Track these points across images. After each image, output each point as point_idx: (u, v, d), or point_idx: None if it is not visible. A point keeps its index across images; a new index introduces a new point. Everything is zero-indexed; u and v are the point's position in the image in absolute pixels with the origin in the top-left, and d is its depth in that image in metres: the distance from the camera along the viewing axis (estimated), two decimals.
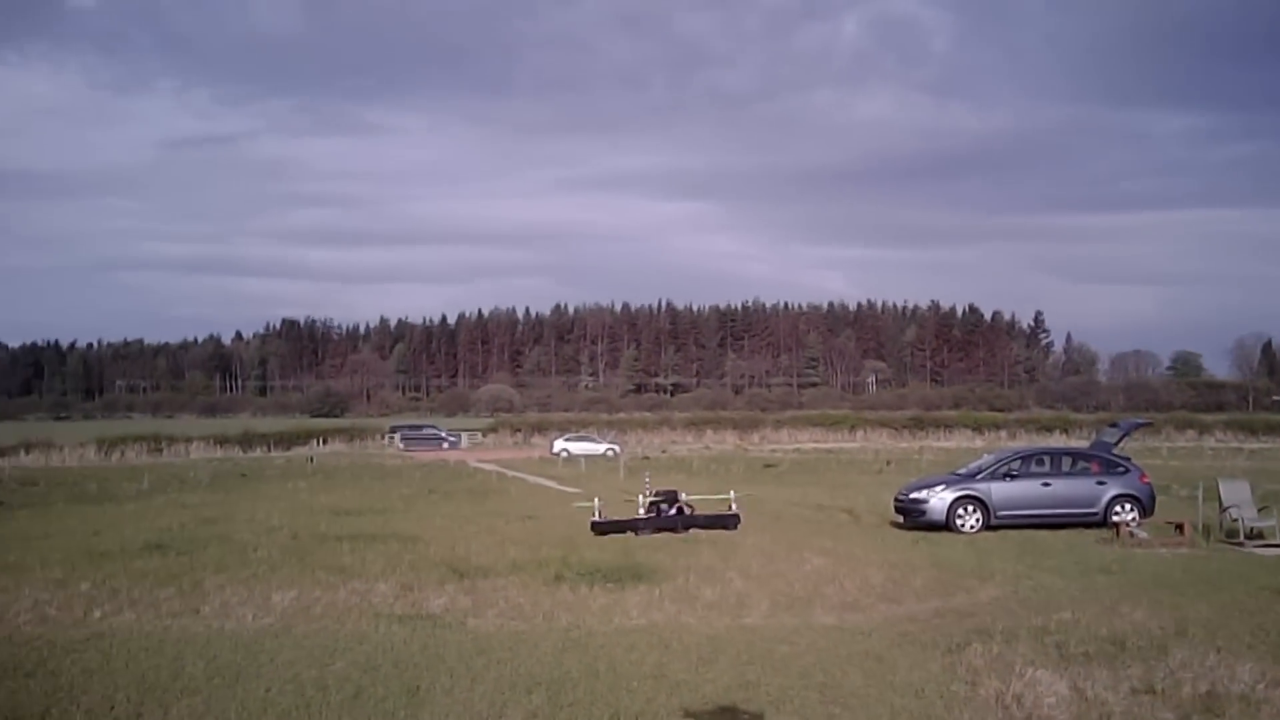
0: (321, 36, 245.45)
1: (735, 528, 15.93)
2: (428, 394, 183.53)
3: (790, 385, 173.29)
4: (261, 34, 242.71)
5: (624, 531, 16.41)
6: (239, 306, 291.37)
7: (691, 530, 17.46)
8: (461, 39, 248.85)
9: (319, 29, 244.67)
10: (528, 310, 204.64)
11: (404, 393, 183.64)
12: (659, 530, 15.84)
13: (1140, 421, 30.94)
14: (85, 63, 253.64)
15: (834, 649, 10.49)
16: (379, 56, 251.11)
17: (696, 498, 20.62)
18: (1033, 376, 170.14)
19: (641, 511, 19.39)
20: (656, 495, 16.61)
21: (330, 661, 10.03)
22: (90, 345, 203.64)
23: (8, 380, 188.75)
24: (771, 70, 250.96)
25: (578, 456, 54.59)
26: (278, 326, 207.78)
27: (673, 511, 16.23)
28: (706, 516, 17.43)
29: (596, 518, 16.54)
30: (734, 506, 15.83)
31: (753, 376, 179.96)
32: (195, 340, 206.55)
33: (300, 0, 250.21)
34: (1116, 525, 20.06)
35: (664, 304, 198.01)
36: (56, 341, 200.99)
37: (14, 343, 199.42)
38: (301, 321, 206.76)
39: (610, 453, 58.02)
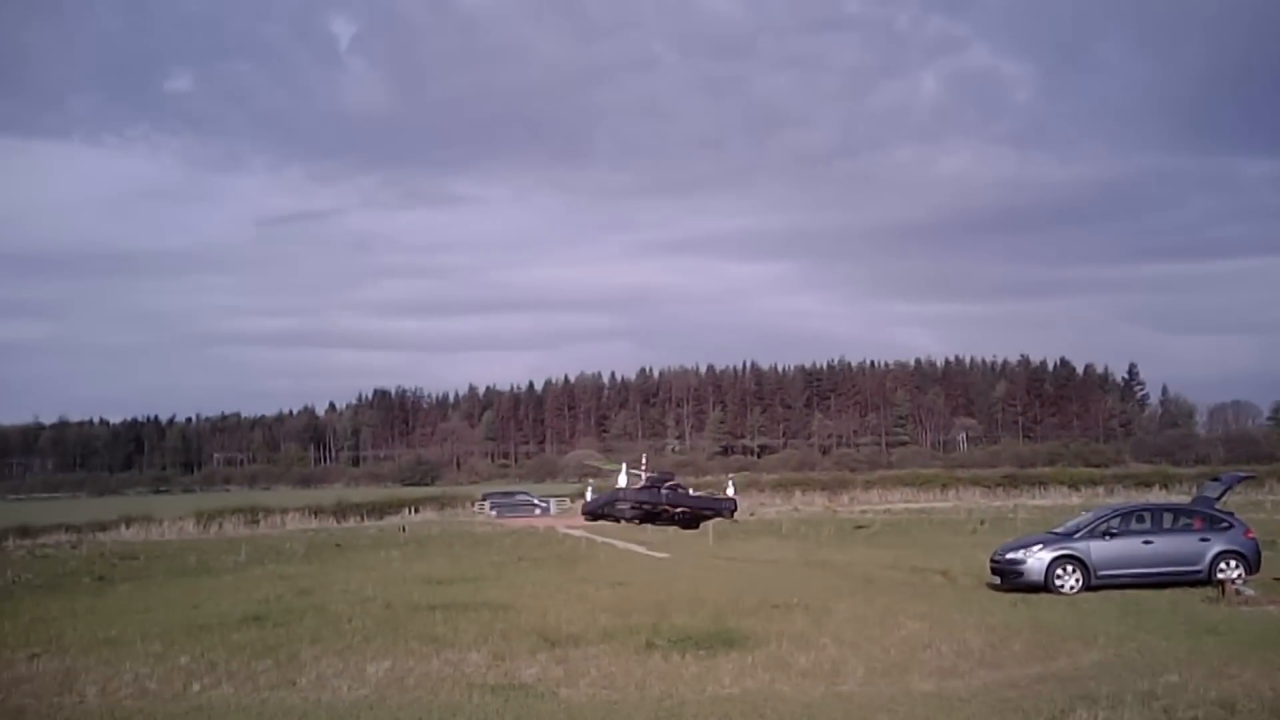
0: (408, 111, 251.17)
1: (731, 515, 15.29)
2: (516, 460, 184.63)
3: (879, 444, 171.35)
4: (350, 111, 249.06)
5: (615, 518, 15.37)
6: (332, 378, 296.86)
7: (685, 515, 16.14)
8: (543, 110, 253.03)
9: (406, 104, 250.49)
10: (613, 374, 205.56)
11: (493, 459, 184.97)
12: (647, 517, 14.85)
13: (1243, 475, 30.06)
14: (182, 144, 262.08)
15: (933, 717, 10.29)
16: (464, 129, 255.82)
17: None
18: (1129, 430, 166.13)
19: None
20: (652, 476, 15.86)
21: None
22: (189, 419, 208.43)
23: (110, 456, 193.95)
24: (850, 128, 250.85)
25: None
26: (369, 397, 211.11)
27: (665, 491, 15.43)
28: (700, 499, 16.42)
29: (587, 499, 15.75)
30: (731, 491, 15.10)
31: (840, 436, 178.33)
32: (290, 412, 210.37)
33: (388, 77, 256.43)
34: (1222, 583, 19.41)
35: (749, 365, 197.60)
36: (156, 416, 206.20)
37: (116, 419, 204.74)
38: (392, 391, 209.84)
39: None
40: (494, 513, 69.41)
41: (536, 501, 73.04)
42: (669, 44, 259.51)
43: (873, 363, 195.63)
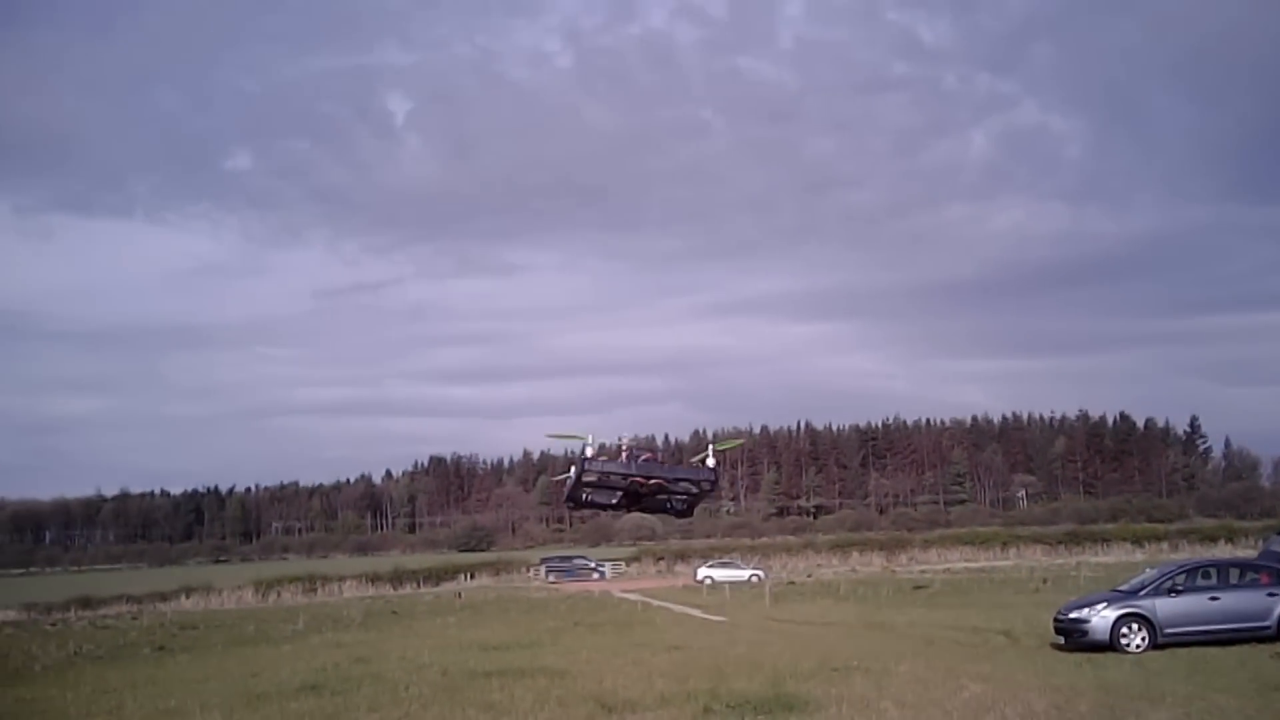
0: (462, 182, 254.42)
1: (713, 486, 14.60)
2: (570, 525, 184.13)
3: (937, 503, 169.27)
4: (405, 183, 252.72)
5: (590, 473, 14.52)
6: (388, 446, 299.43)
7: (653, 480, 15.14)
8: (594, 177, 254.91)
9: (459, 175, 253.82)
10: (666, 437, 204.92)
11: (548, 524, 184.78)
12: (624, 477, 13.95)
13: None
14: (241, 220, 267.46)
15: None
16: (516, 199, 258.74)
17: None
18: (1192, 485, 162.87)
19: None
20: (630, 451, 15.11)
21: None
22: (248, 489, 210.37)
23: (170, 526, 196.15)
24: (901, 188, 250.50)
25: (722, 583, 54.03)
26: (425, 464, 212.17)
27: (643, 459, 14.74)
28: (681, 469, 15.61)
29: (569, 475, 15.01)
30: (710, 460, 14.43)
31: (897, 495, 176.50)
32: (347, 480, 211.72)
33: (442, 150, 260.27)
34: None
35: (803, 425, 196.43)
36: (216, 487, 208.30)
37: (176, 490, 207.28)
38: (448, 458, 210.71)
39: (754, 578, 57.27)
40: (550, 577, 69.31)
41: (593, 565, 72.88)
42: (717, 110, 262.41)
43: (929, 421, 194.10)
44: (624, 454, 14.52)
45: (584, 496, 13.93)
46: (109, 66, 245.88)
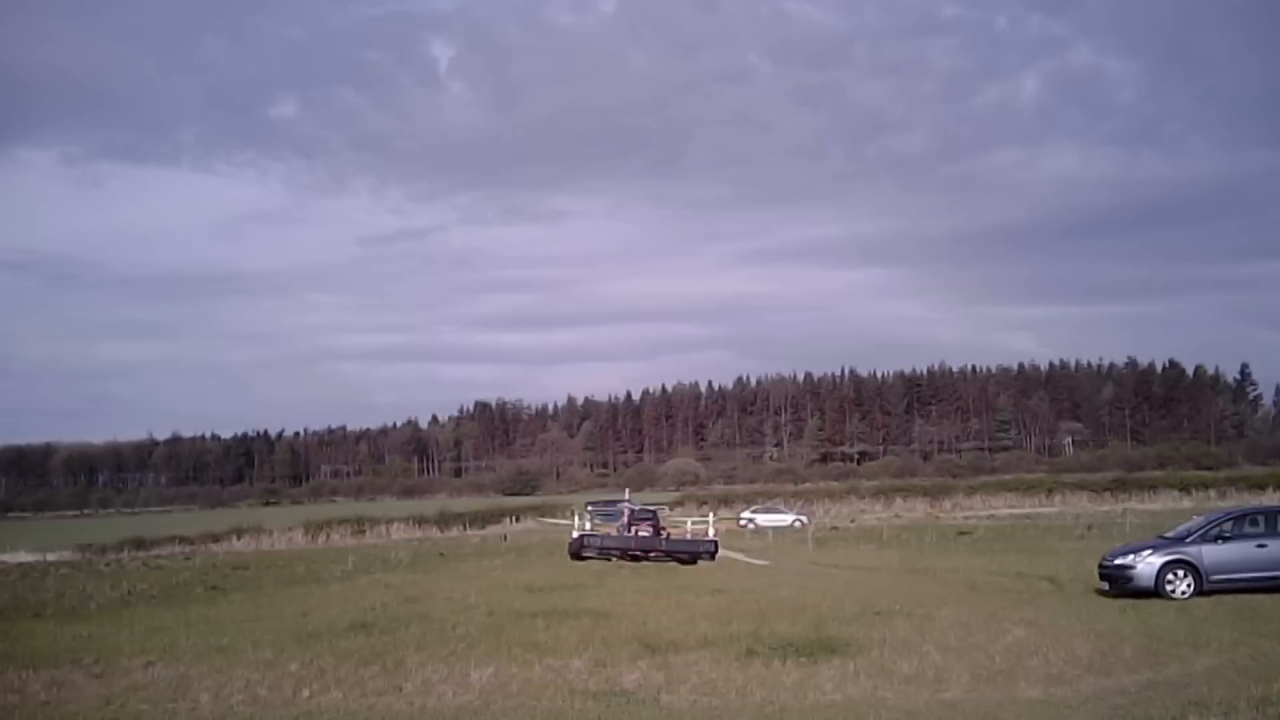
0: (506, 130, 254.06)
1: (713, 558, 14.33)
2: (615, 470, 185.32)
3: (982, 450, 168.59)
4: (450, 131, 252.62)
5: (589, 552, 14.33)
6: (434, 391, 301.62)
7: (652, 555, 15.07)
8: (640, 123, 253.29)
9: (504, 123, 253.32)
10: (710, 384, 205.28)
11: (592, 469, 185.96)
12: (632, 558, 13.97)
13: None
14: (287, 168, 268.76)
15: None
16: (561, 145, 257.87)
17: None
18: (1241, 432, 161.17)
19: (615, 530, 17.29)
20: (632, 516, 14.84)
21: None
22: (297, 434, 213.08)
23: (221, 469, 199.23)
24: (950, 132, 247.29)
25: (765, 528, 54.20)
26: (471, 409, 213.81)
27: (647, 533, 14.57)
28: (676, 543, 15.24)
29: (574, 536, 14.84)
30: (711, 532, 14.19)
31: (942, 442, 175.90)
32: (394, 425, 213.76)
33: (486, 97, 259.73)
34: None
35: (848, 372, 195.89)
36: (266, 431, 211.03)
37: (226, 434, 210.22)
38: (493, 404, 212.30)
39: (798, 523, 57.43)
40: (596, 521, 69.74)
41: (637, 509, 73.21)
42: (763, 54, 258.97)
43: (974, 368, 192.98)
44: (625, 516, 14.70)
45: (584, 555, 14.11)
46: (155, 15, 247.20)
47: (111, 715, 12.00)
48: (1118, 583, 20.71)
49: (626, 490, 76.18)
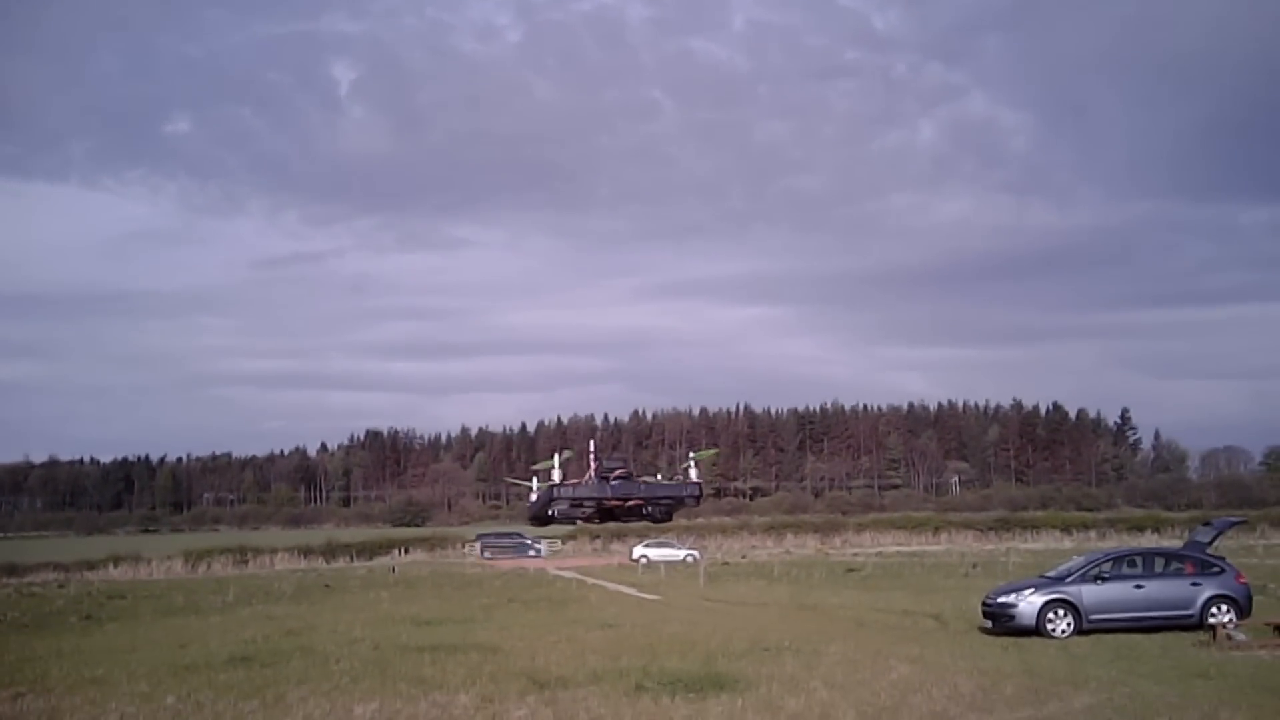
0: (407, 156, 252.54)
1: (697, 503, 13.85)
2: (507, 502, 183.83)
3: (871, 487, 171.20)
4: (349, 155, 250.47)
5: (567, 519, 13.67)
6: (325, 419, 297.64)
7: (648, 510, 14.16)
8: (542, 154, 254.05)
9: (404, 149, 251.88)
10: (606, 416, 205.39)
11: (484, 501, 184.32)
12: (604, 515, 13.36)
13: (1234, 520, 29.92)
14: (180, 187, 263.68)
15: None
16: (463, 174, 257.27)
17: None
18: (1121, 475, 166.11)
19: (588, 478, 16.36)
20: (599, 469, 14.21)
21: None
22: (180, 459, 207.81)
23: (100, 495, 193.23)
24: (849, 175, 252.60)
25: (657, 563, 54.18)
26: (361, 438, 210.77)
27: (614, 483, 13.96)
28: (657, 487, 14.51)
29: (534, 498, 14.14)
30: (694, 474, 13.63)
31: (833, 479, 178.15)
32: (282, 453, 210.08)
33: (387, 122, 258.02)
34: (1213, 628, 19.35)
35: (742, 407, 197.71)
36: (147, 456, 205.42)
37: (107, 458, 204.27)
38: (385, 432, 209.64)
39: (690, 558, 57.50)
40: (486, 554, 69.06)
41: (529, 542, 72.74)
42: (668, 91, 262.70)
43: (866, 406, 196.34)
44: (593, 469, 14.36)
45: (551, 513, 13.60)
46: (47, 27, 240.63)
47: None
48: (1000, 621, 21.08)
49: (519, 531, 75.94)
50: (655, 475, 18.64)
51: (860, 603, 28.85)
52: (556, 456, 71.34)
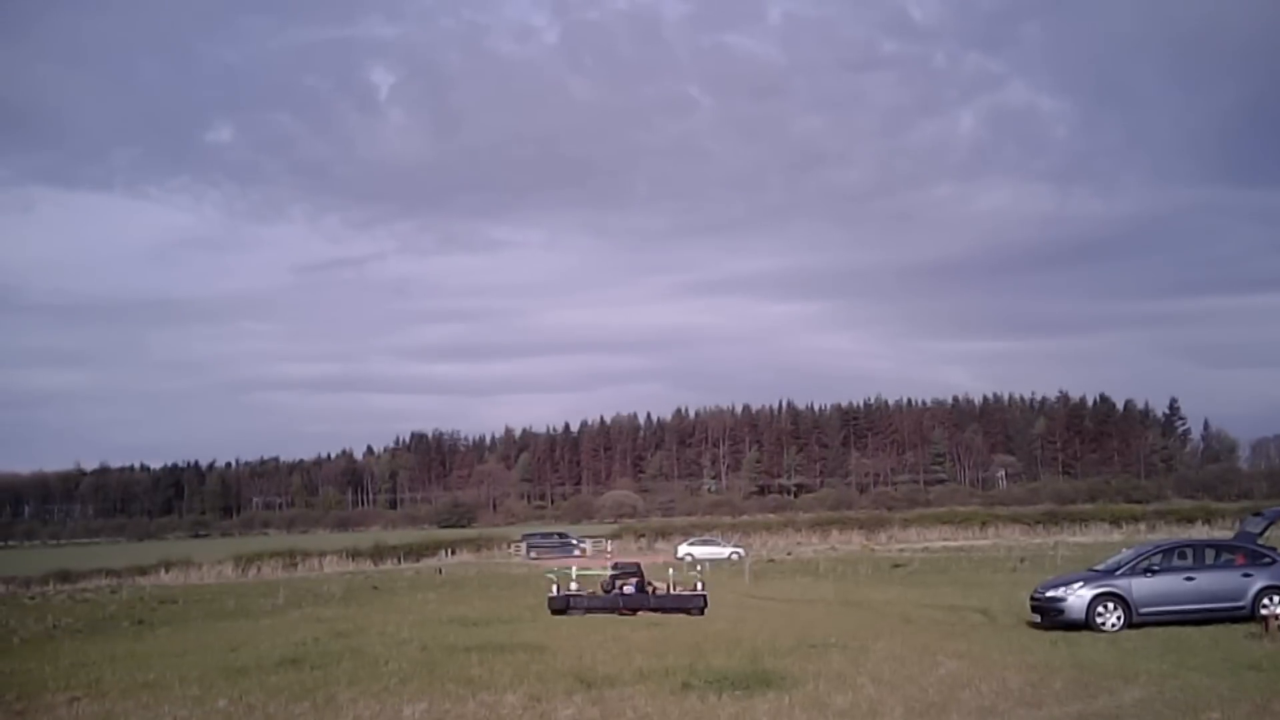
0: (446, 158, 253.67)
1: (702, 612, 13.93)
2: (552, 502, 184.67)
3: (917, 483, 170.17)
4: (389, 158, 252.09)
5: (576, 610, 13.98)
6: (369, 422, 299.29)
7: (640, 612, 14.86)
8: (580, 153, 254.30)
9: (443, 151, 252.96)
10: (649, 415, 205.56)
11: (529, 501, 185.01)
12: (611, 610, 13.71)
13: None
14: (222, 194, 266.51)
15: None
16: (501, 174, 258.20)
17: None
18: (1170, 466, 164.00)
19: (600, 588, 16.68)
20: (616, 569, 14.51)
21: None
22: (228, 464, 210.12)
23: (150, 501, 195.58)
24: (888, 167, 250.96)
25: (702, 560, 54.17)
26: (406, 440, 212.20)
27: (631, 589, 14.23)
28: (664, 598, 14.83)
29: (554, 594, 14.42)
30: (700, 586, 13.88)
31: (878, 475, 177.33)
32: (328, 456, 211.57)
33: (426, 125, 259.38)
34: (1265, 619, 19.06)
35: (785, 404, 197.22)
36: (196, 462, 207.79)
37: (156, 464, 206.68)
38: (429, 435, 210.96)
39: (734, 556, 57.49)
40: (532, 554, 69.37)
41: (574, 542, 73.00)
42: (704, 86, 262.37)
43: (910, 401, 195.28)
44: (610, 565, 14.48)
45: (566, 607, 13.77)
46: (90, 37, 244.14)
47: None
48: (1049, 615, 20.92)
49: (564, 531, 75.91)
50: (668, 574, 18.63)
51: (907, 598, 28.72)
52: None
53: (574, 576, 14.42)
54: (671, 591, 13.87)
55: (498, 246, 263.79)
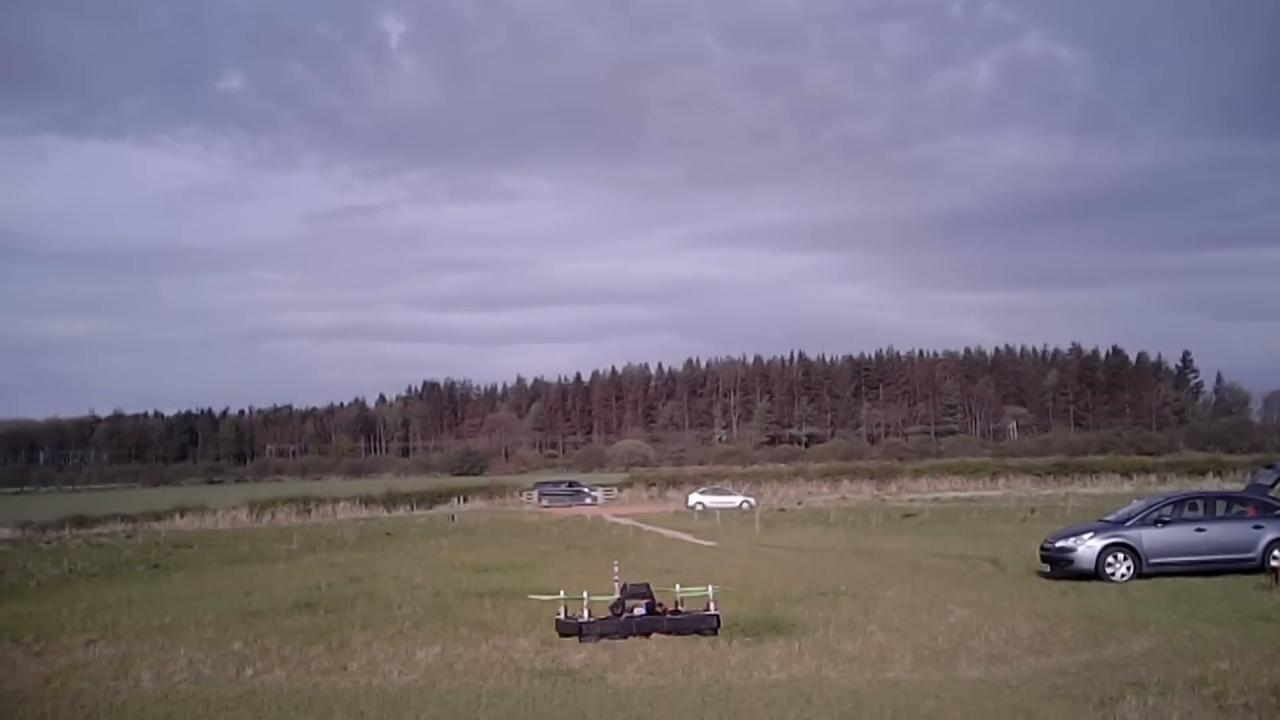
0: (457, 107, 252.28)
1: (715, 633, 13.88)
2: (563, 451, 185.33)
3: (928, 433, 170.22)
4: (400, 108, 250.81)
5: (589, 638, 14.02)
6: (382, 370, 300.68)
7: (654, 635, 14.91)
8: (593, 103, 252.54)
9: (455, 100, 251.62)
10: (660, 365, 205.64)
11: (540, 450, 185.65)
12: (623, 635, 13.83)
13: None
14: (234, 143, 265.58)
15: (981, 704, 10.26)
16: (513, 124, 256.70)
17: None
18: (1182, 418, 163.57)
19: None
20: (624, 591, 14.47)
21: (473, 717, 10.19)
22: (241, 412, 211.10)
23: (164, 447, 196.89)
24: (903, 118, 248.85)
25: (713, 510, 54.40)
26: (419, 389, 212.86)
27: (642, 612, 14.27)
28: (678, 619, 14.77)
29: (561, 617, 14.35)
30: (713, 606, 13.87)
31: (889, 426, 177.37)
32: (341, 404, 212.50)
33: (438, 74, 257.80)
34: (1275, 570, 19.08)
35: (797, 355, 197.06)
36: (210, 409, 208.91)
37: (170, 411, 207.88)
38: (441, 383, 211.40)
39: (745, 505, 57.70)
40: (544, 502, 69.73)
41: (586, 490, 73.36)
42: (718, 36, 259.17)
43: (921, 352, 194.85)
44: (619, 591, 14.57)
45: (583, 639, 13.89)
46: None
47: (52, 694, 11.84)
48: (1059, 565, 20.99)
49: (576, 479, 76.31)
50: (676, 597, 18.75)
51: (917, 548, 28.83)
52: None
53: (585, 602, 14.54)
54: (681, 610, 13.94)
55: (509, 196, 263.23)
